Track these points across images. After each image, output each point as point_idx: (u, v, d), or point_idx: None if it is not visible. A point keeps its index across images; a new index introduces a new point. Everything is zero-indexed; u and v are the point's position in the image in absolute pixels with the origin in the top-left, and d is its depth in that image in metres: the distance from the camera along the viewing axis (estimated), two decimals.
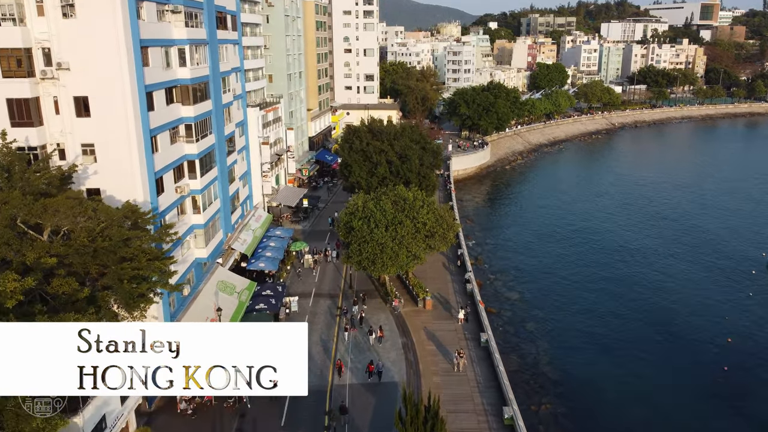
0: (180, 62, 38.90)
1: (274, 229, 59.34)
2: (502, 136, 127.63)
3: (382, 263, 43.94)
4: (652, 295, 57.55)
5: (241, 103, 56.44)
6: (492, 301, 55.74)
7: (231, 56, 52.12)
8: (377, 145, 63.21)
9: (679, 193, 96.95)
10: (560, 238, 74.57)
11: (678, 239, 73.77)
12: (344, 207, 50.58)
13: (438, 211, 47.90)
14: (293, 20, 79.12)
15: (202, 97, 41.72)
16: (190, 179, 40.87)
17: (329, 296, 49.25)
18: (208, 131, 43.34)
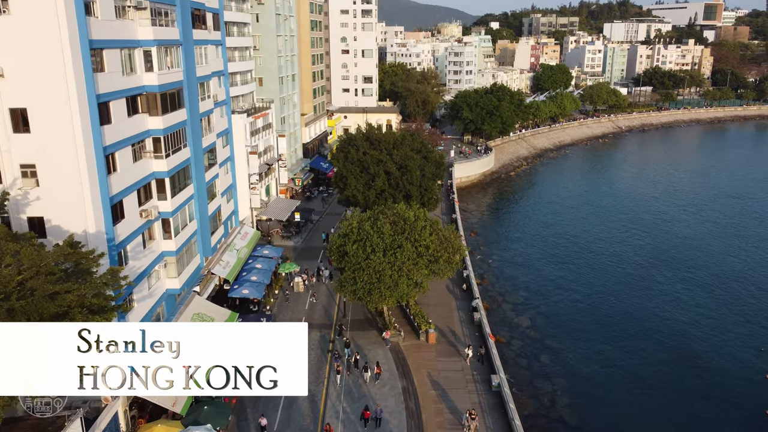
0: (146, 66, 33.74)
1: (261, 247, 54.11)
2: (506, 140, 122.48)
3: (379, 294, 38.76)
4: (678, 322, 52.29)
5: (224, 110, 51.31)
6: (500, 328, 50.62)
7: (212, 59, 46.98)
8: (375, 155, 58.04)
9: (697, 210, 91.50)
10: (571, 254, 69.37)
11: (699, 263, 68.33)
12: (339, 222, 45.36)
13: (442, 231, 42.71)
14: (285, 19, 73.93)
15: (174, 105, 36.55)
16: (160, 200, 35.74)
17: (321, 327, 44.03)
18: (182, 144, 38.20)
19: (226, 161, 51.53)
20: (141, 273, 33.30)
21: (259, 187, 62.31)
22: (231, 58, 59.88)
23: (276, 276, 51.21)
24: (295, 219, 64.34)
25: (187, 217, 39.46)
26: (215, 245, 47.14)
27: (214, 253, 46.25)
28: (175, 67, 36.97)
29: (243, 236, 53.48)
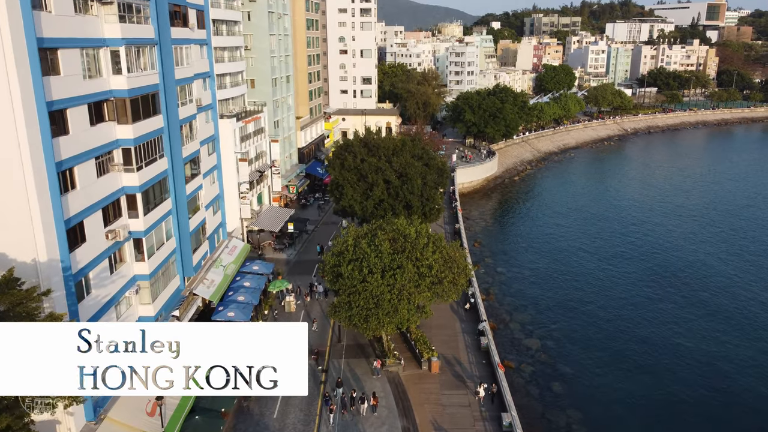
0: (114, 69, 29.90)
1: (251, 262, 50.29)
2: (509, 143, 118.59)
3: (377, 320, 34.95)
4: (704, 352, 48.29)
5: (210, 115, 47.47)
6: (508, 351, 46.82)
7: (196, 59, 43.15)
8: (373, 162, 54.21)
9: (711, 222, 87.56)
10: (580, 267, 65.51)
11: (716, 284, 64.57)
12: (332, 239, 41.52)
13: (446, 249, 38.90)
14: (279, 18, 70.09)
15: (147, 112, 32.71)
16: (131, 218, 31.89)
17: (313, 353, 40.13)
18: (158, 154, 34.34)
19: (213, 170, 47.70)
20: (107, 302, 29.45)
21: (250, 196, 58.49)
22: (219, 58, 56.09)
23: (266, 294, 47.37)
24: (289, 230, 60.47)
25: (164, 236, 35.59)
26: (199, 262, 43.31)
27: (197, 271, 42.42)
28: (150, 69, 33.11)
29: (231, 250, 49.67)
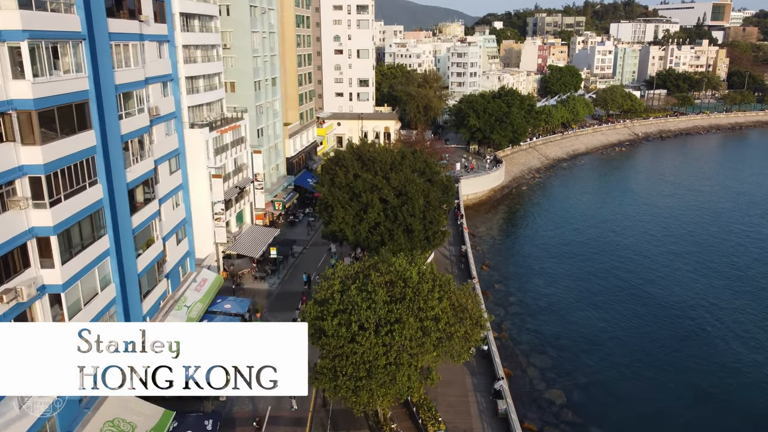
0: (14, 72, 22.26)
1: (223, 299, 42.63)
2: (516, 150, 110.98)
3: (369, 393, 27.36)
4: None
5: (173, 126, 39.82)
6: (529, 408, 39.30)
7: (152, 59, 35.51)
8: (368, 179, 46.77)
9: (743, 239, 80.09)
10: (603, 294, 57.79)
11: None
12: (318, 279, 33.91)
13: (456, 295, 31.29)
14: (264, 13, 62.45)
15: (69, 128, 25.06)
16: (44, 268, 24.21)
17: (293, 423, 32.55)
18: (87, 181, 26.67)
19: (176, 191, 40.09)
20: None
21: (227, 217, 50.85)
22: (191, 58, 48.56)
23: None
24: (272, 255, 52.77)
25: (98, 284, 27.92)
26: (156, 305, 35.69)
27: (152, 317, 34.78)
28: (73, 72, 25.46)
29: (199, 285, 42.02)
